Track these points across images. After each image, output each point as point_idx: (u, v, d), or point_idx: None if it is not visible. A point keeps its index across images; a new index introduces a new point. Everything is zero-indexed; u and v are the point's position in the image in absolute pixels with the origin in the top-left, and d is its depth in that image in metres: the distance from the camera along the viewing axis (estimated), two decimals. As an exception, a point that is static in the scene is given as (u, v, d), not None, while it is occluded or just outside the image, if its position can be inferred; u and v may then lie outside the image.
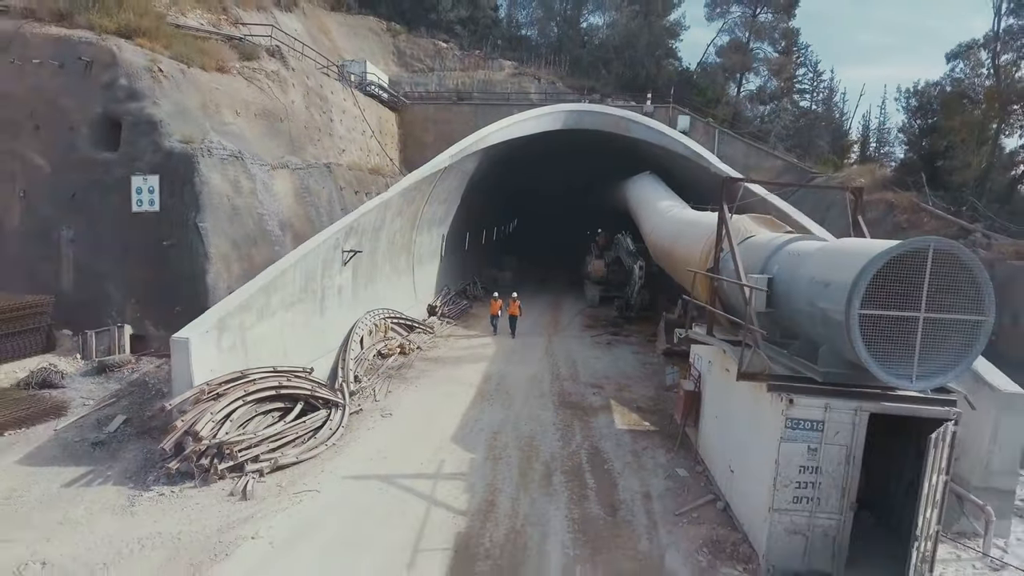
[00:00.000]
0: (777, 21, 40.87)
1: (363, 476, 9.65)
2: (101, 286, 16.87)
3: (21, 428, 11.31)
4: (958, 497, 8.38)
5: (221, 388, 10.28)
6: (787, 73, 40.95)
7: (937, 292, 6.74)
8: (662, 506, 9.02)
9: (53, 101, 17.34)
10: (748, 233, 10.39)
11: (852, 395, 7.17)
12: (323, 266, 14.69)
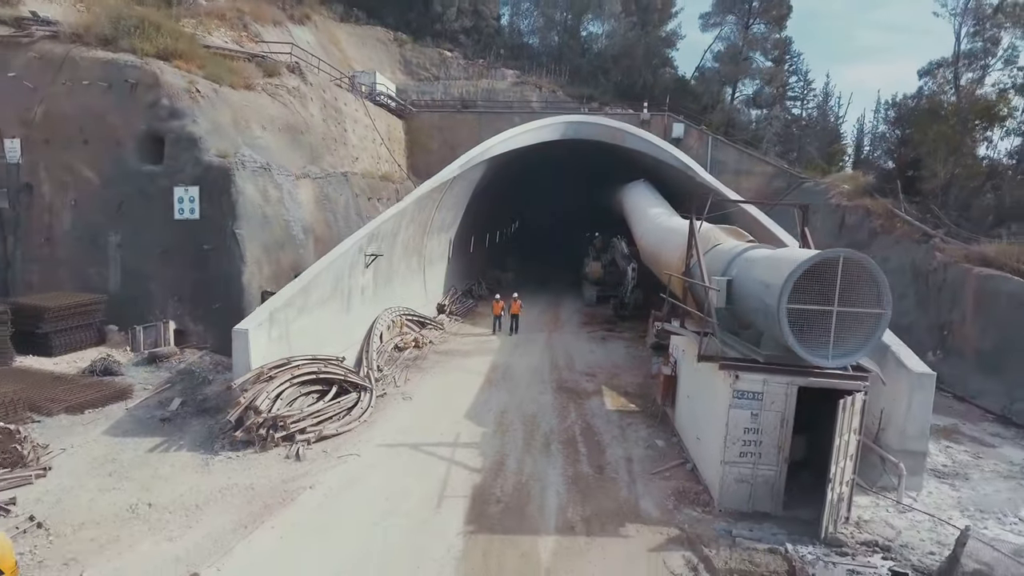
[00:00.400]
0: (770, 32, 42.87)
1: (394, 444, 11.70)
2: (145, 286, 18.93)
3: (97, 408, 13.33)
4: (881, 458, 10.40)
5: (272, 371, 12.32)
6: (779, 81, 43.00)
7: (847, 291, 8.75)
8: (641, 467, 11.06)
9: (101, 118, 19.39)
10: (716, 241, 12.44)
11: (785, 372, 9.20)
12: (349, 269, 16.73)
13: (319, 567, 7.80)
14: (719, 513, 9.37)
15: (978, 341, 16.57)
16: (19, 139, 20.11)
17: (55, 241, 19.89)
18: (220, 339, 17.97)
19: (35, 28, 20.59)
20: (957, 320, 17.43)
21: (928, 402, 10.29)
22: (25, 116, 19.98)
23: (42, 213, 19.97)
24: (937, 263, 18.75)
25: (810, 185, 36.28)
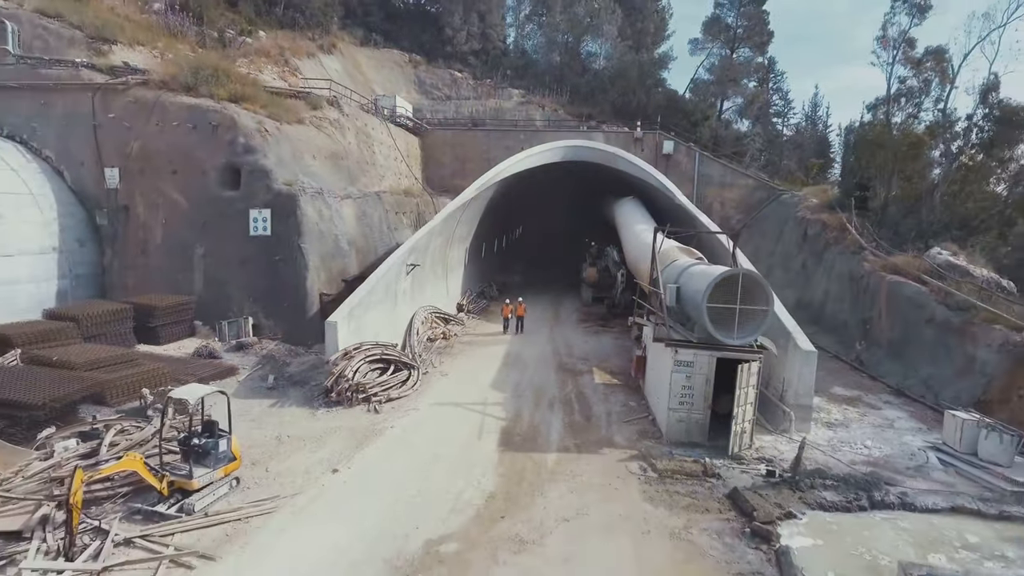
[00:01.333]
0: (753, 56, 47.86)
1: (441, 404, 16.70)
2: (225, 289, 23.97)
3: (217, 380, 18.28)
4: (782, 410, 15.37)
5: (351, 352, 17.32)
6: (761, 100, 47.96)
7: (746, 295, 13.73)
8: (617, 418, 16.05)
9: (188, 153, 24.47)
10: (674, 258, 17.45)
11: (707, 348, 14.18)
12: (396, 276, 21.73)
13: (409, 464, 12.79)
14: (666, 443, 14.35)
15: (888, 333, 21.57)
16: (118, 168, 25.20)
17: (148, 252, 24.97)
18: (289, 332, 23.11)
19: (129, 77, 25.66)
20: (875, 317, 22.43)
21: (811, 372, 15.26)
22: (123, 150, 25.08)
23: (137, 229, 25.05)
24: (864, 271, 23.75)
25: (787, 197, 41.20)
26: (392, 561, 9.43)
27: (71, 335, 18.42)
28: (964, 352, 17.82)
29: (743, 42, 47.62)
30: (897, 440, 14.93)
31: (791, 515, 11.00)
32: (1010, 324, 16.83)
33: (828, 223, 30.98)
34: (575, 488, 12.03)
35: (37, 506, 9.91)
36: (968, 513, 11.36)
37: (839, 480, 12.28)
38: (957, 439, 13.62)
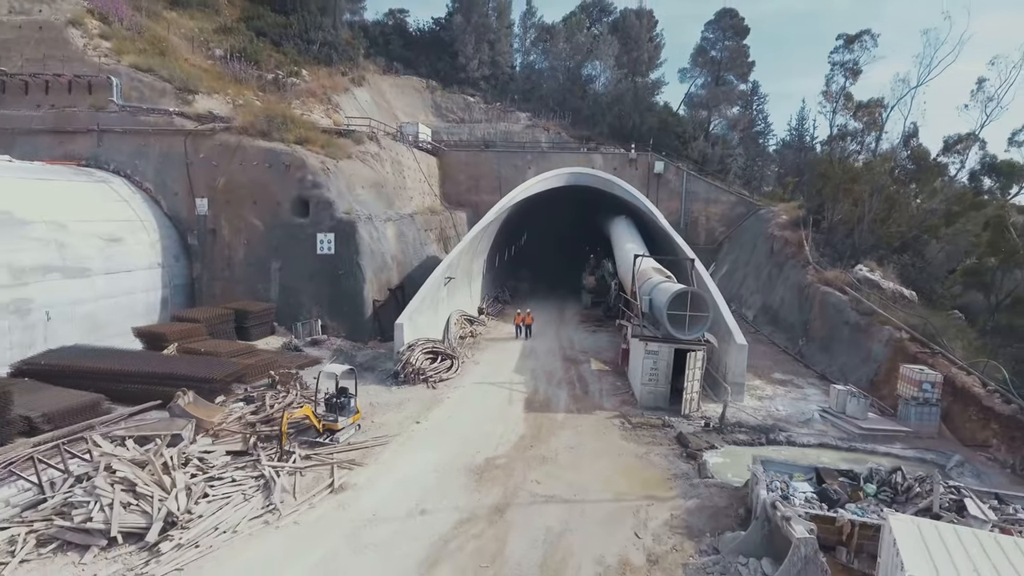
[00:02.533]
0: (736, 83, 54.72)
1: (479, 383, 23.55)
2: (297, 297, 30.79)
3: (307, 368, 25.02)
4: (723, 386, 22.18)
5: (413, 346, 24.15)
6: (743, 124, 54.82)
7: (694, 304, 20.58)
8: (606, 393, 22.90)
9: (265, 187, 31.29)
10: (649, 276, 24.30)
11: (667, 341, 21.01)
12: (437, 288, 28.55)
13: (464, 419, 19.61)
14: (639, 407, 21.18)
15: (820, 332, 28.41)
16: (207, 199, 32.02)
17: (232, 266, 31.80)
18: (349, 330, 29.92)
19: (216, 124, 32.48)
20: (812, 319, 29.27)
21: (743, 359, 22.06)
22: (211, 183, 31.90)
23: (223, 248, 31.87)
24: (807, 282, 30.59)
25: (763, 212, 48.09)
26: (467, 468, 16.26)
27: (201, 333, 25.27)
28: (866, 346, 24.66)
29: (727, 71, 54.48)
30: (802, 406, 21.78)
31: (713, 447, 17.84)
32: (895, 325, 23.65)
33: (789, 240, 37.84)
34: (576, 433, 18.89)
35: (248, 437, 16.72)
36: (828, 447, 18.19)
37: (750, 428, 19.14)
38: (835, 403, 20.45)
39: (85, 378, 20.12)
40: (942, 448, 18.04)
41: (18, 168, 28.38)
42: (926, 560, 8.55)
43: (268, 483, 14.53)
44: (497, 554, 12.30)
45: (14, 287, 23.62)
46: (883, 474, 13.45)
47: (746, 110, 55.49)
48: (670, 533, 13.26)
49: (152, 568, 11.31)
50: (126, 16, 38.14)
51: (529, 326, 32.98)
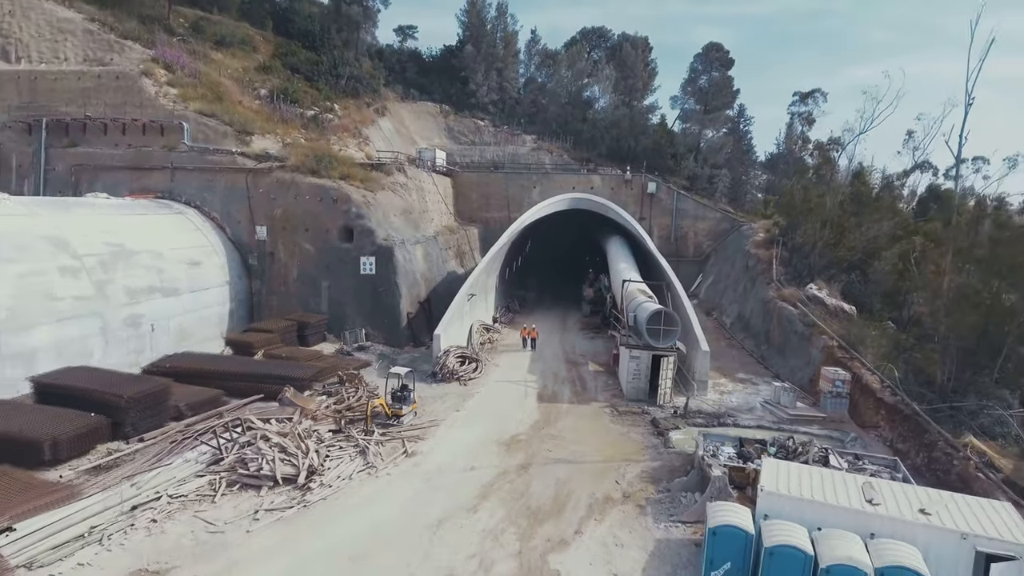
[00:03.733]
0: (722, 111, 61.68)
1: (500, 381, 30.60)
2: (343, 310, 37.79)
3: (361, 369, 31.99)
4: (691, 383, 29.19)
5: (448, 351, 31.17)
6: (728, 148, 61.80)
7: (667, 321, 27.63)
8: (600, 388, 29.95)
9: (316, 217, 38.25)
10: (634, 296, 31.33)
11: (647, 348, 28.06)
12: (463, 303, 35.55)
13: (492, 408, 26.64)
14: (625, 400, 28.22)
15: (777, 339, 35.42)
16: (265, 226, 38.95)
17: (287, 284, 38.79)
18: (388, 338, 36.91)
19: (272, 163, 39.43)
20: (772, 329, 36.28)
21: (707, 361, 29.05)
22: (269, 213, 38.83)
23: (280, 268, 38.85)
24: (769, 297, 37.60)
25: (745, 228, 55.05)
26: (498, 441, 23.27)
27: (277, 341, 32.28)
28: (808, 351, 31.68)
29: (713, 99, 61.42)
30: (752, 399, 28.79)
31: (677, 427, 24.85)
32: (829, 335, 30.66)
33: (761, 258, 44.85)
34: (577, 418, 25.93)
35: (340, 420, 23.73)
36: (763, 428, 25.19)
37: (707, 415, 26.17)
38: (773, 396, 27.48)
39: (200, 377, 27.10)
40: (845, 428, 25.06)
41: (118, 205, 35.43)
42: (774, 479, 15.58)
43: (363, 450, 21.57)
44: (524, 492, 19.34)
45: (130, 305, 30.68)
46: (781, 441, 20.46)
47: (731, 134, 62.39)
48: (640, 481, 20.30)
49: (307, 497, 18.35)
50: (186, 64, 45.05)
51: (534, 339, 39.58)
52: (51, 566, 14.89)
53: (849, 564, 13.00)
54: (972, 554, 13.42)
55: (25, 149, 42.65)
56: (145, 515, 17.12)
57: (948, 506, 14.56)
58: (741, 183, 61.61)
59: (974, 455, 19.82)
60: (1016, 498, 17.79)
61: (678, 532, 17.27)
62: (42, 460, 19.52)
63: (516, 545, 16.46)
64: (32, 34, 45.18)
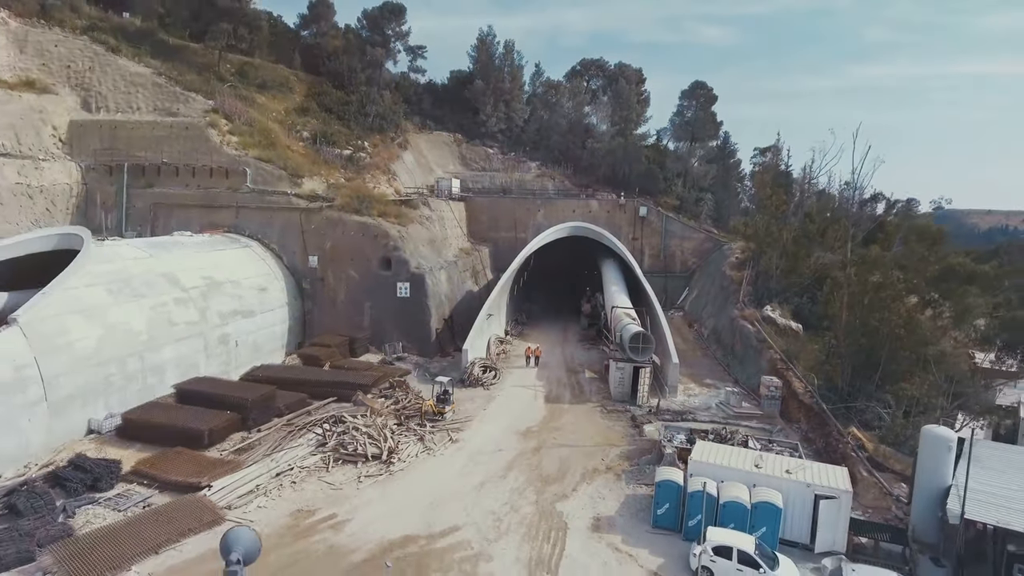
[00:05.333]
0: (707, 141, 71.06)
1: (514, 386, 40.21)
2: (383, 326, 47.36)
3: (404, 376, 41.42)
4: (664, 387, 38.72)
5: (474, 362, 40.70)
6: (711, 174, 71.19)
7: (645, 339, 37.20)
8: (594, 392, 39.53)
9: (360, 249, 47.77)
10: (621, 318, 40.89)
11: (630, 361, 37.62)
12: (483, 321, 45.05)
13: (511, 407, 36.21)
14: (612, 401, 37.77)
15: (740, 352, 44.93)
16: (316, 256, 48.40)
17: (336, 305, 48.30)
18: (420, 350, 46.47)
19: (322, 203, 48.86)
20: (735, 342, 45.78)
21: (676, 371, 38.58)
22: (320, 245, 48.29)
23: (329, 291, 48.34)
24: (735, 315, 47.09)
25: (725, 248, 64.47)
26: (517, 431, 32.84)
27: (335, 354, 41.80)
28: (759, 362, 41.19)
29: (699, 131, 70.77)
30: (710, 401, 38.29)
31: (650, 422, 34.40)
32: (774, 349, 40.15)
33: (734, 279, 54.35)
34: (575, 415, 35.51)
35: (399, 415, 33.27)
36: (714, 422, 34.71)
37: (674, 413, 35.70)
38: (724, 398, 37.01)
39: (286, 383, 36.53)
40: (775, 423, 34.58)
41: (202, 242, 44.90)
42: (700, 453, 25.14)
43: (422, 438, 31.13)
44: (538, 465, 28.91)
45: (222, 326, 40.17)
46: (718, 431, 30.01)
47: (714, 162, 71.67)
48: (618, 459, 29.86)
49: (391, 468, 27.89)
50: (242, 113, 54.43)
51: (538, 357, 48.39)
52: (240, 508, 24.43)
53: (736, 501, 22.58)
54: (812, 495, 22.98)
55: (108, 188, 52.06)
56: (287, 479, 26.67)
57: (804, 469, 24.12)
58: (725, 206, 70.91)
59: (852, 441, 29.37)
60: (870, 468, 27.44)
61: (641, 490, 26.85)
62: (202, 444, 29.05)
63: (533, 498, 26.05)
64: (109, 87, 54.48)
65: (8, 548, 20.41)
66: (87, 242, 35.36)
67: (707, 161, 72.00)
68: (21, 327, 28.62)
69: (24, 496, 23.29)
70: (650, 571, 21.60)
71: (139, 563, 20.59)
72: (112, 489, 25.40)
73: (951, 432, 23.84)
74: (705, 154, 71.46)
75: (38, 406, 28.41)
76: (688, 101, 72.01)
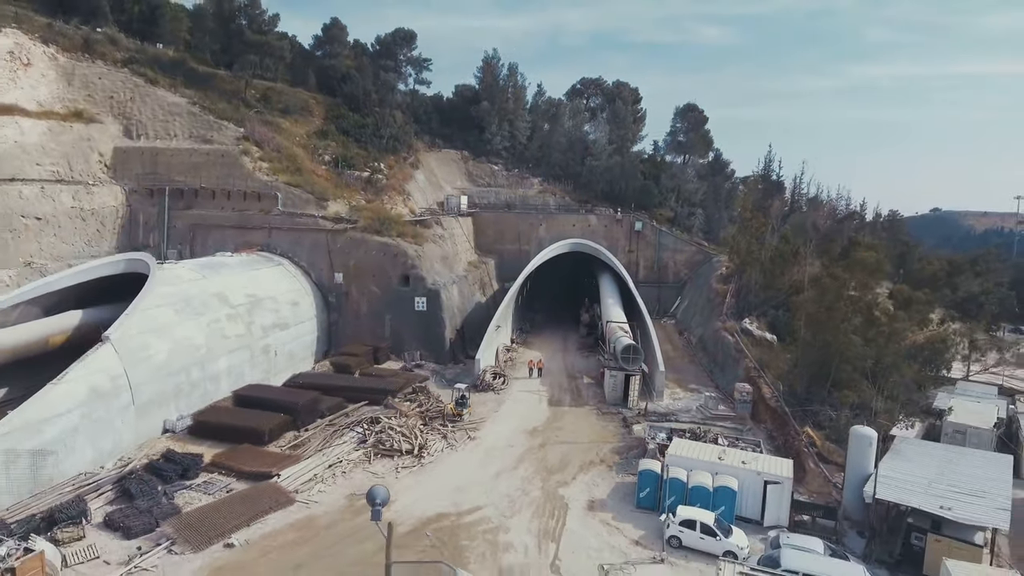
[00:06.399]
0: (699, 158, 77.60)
1: (521, 391, 46.88)
2: (402, 337, 54.02)
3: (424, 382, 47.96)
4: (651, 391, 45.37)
5: (486, 370, 47.33)
6: (702, 191, 77.76)
7: (634, 352, 43.85)
8: (591, 396, 46.18)
9: (381, 267, 54.40)
10: (615, 331, 47.54)
11: (621, 369, 44.26)
12: (493, 332, 51.63)
13: (519, 409, 42.88)
14: (607, 404, 44.41)
15: (721, 359, 51.55)
16: (341, 273, 55.01)
17: (359, 317, 54.93)
18: (436, 358, 53.17)
19: (346, 225, 55.41)
20: (718, 351, 52.43)
21: (663, 376, 45.23)
22: (345, 263, 54.89)
23: (353, 305, 54.96)
24: (717, 327, 53.70)
25: (715, 261, 71.15)
26: (525, 430, 39.51)
27: (363, 363, 48.38)
28: (736, 370, 47.81)
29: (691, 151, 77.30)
30: (692, 404, 44.91)
31: (638, 423, 41.03)
32: (749, 358, 46.75)
33: (719, 292, 61.01)
34: (574, 416, 42.20)
35: (424, 417, 39.89)
36: (693, 423, 41.33)
37: (659, 414, 42.33)
38: (703, 401, 43.62)
39: (324, 389, 43.04)
40: (745, 423, 41.16)
41: (243, 263, 51.41)
42: (675, 447, 31.79)
43: (444, 436, 37.75)
44: (543, 458, 35.57)
45: (264, 338, 46.75)
46: (693, 430, 36.64)
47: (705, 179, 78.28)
48: (610, 454, 36.51)
49: (422, 461, 34.52)
50: (269, 140, 60.89)
51: (540, 369, 54.85)
52: (304, 492, 31.01)
53: (701, 486, 29.25)
54: (762, 481, 29.60)
55: (149, 209, 58.53)
56: (338, 470, 33.27)
57: (757, 461, 30.76)
58: (715, 220, 77.43)
59: (805, 439, 36.03)
60: (817, 461, 34.12)
61: (628, 479, 33.45)
62: (263, 441, 35.61)
63: (540, 484, 32.71)
64: (148, 116, 60.90)
65: (134, 521, 27.00)
66: (154, 268, 41.84)
67: (699, 178, 78.50)
68: (113, 344, 35.15)
69: (135, 482, 29.88)
70: (633, 540, 28.22)
71: (236, 533, 27.15)
72: (197, 477, 31.96)
73: (872, 431, 30.46)
74: (697, 171, 77.98)
75: (128, 410, 34.98)
76: (681, 123, 78.59)
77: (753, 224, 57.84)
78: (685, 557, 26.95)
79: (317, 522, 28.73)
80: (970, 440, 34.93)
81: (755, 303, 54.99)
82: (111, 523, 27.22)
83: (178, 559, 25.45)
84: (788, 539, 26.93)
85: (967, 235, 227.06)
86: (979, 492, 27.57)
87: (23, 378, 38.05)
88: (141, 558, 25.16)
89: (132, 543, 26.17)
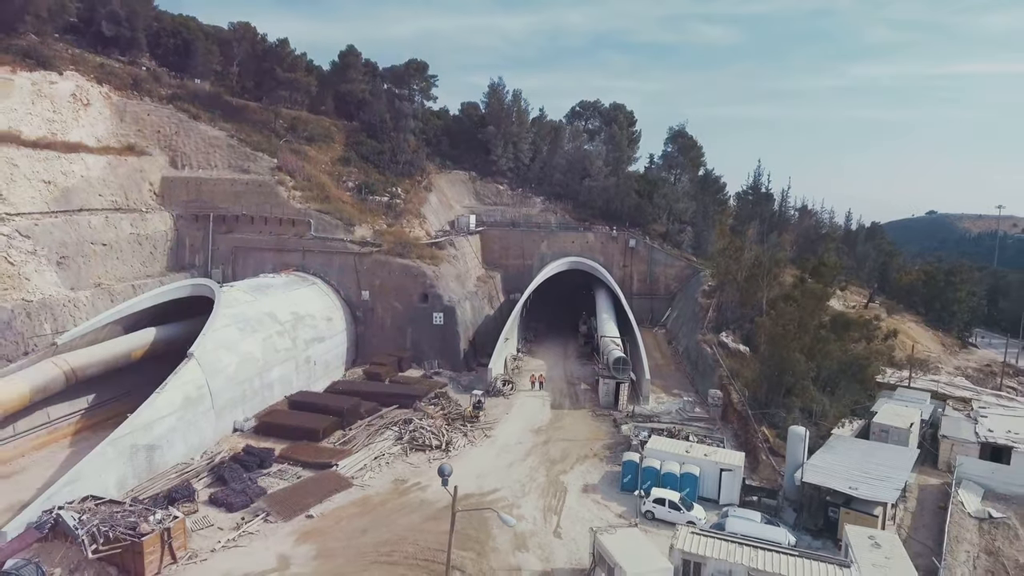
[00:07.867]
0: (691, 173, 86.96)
1: (527, 396, 56.35)
2: (421, 347, 63.64)
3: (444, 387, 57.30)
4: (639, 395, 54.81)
5: (497, 377, 56.77)
6: (692, 208, 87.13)
7: (624, 363, 53.30)
8: (587, 400, 55.67)
9: (403, 286, 63.96)
10: (608, 345, 57.01)
11: (612, 377, 53.72)
12: (502, 343, 61.03)
13: (525, 411, 52.36)
14: (601, 407, 53.87)
15: (702, 368, 61.02)
16: (368, 291, 64.55)
17: (384, 330, 64.52)
18: (452, 366, 62.80)
19: (372, 248, 64.89)
20: (698, 361, 61.88)
21: (648, 383, 54.68)
22: (371, 282, 64.49)
23: (378, 319, 64.56)
24: (698, 339, 63.14)
25: (702, 275, 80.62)
26: (531, 429, 49.03)
27: (391, 371, 57.82)
28: (712, 378, 57.22)
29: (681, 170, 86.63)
30: (673, 407, 54.35)
31: (626, 423, 50.49)
32: (723, 368, 56.18)
33: (703, 305, 70.47)
34: (573, 418, 51.71)
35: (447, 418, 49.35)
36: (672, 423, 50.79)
37: (644, 416, 51.80)
38: (683, 405, 53.05)
39: (360, 394, 52.41)
40: (716, 424, 50.55)
41: (284, 284, 60.79)
42: (653, 442, 41.31)
43: (465, 434, 47.24)
44: (547, 453, 45.09)
45: (306, 350, 56.21)
46: (671, 429, 46.11)
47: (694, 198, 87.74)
48: (602, 449, 46.02)
49: (452, 454, 44.01)
50: (299, 169, 70.20)
51: (542, 383, 64.25)
52: (359, 478, 40.44)
53: (671, 472, 38.75)
54: (718, 469, 39.07)
55: (195, 233, 67.82)
56: (382, 461, 42.70)
57: (717, 453, 40.25)
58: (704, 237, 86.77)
59: (761, 436, 45.49)
60: (768, 455, 43.63)
61: (616, 468, 42.87)
62: (318, 438, 45.04)
63: (545, 472, 42.22)
64: (192, 148, 70.13)
65: (234, 499, 36.42)
66: (218, 292, 51.17)
67: (689, 197, 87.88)
68: (197, 359, 44.52)
69: (226, 470, 39.28)
70: (617, 514, 37.69)
71: (313, 508, 36.57)
72: (272, 467, 41.35)
73: (803, 430, 39.71)
74: (687, 191, 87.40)
75: (209, 413, 44.38)
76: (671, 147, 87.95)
77: (731, 248, 67.26)
78: (656, 526, 36.42)
79: (372, 500, 38.17)
80: (891, 438, 44.23)
81: (732, 318, 64.45)
82: (215, 500, 36.69)
83: (273, 526, 34.91)
84: (735, 512, 36.44)
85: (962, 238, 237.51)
86: (883, 477, 37.06)
87: (108, 385, 47.60)
88: (247, 524, 34.61)
89: (235, 515, 35.63)
